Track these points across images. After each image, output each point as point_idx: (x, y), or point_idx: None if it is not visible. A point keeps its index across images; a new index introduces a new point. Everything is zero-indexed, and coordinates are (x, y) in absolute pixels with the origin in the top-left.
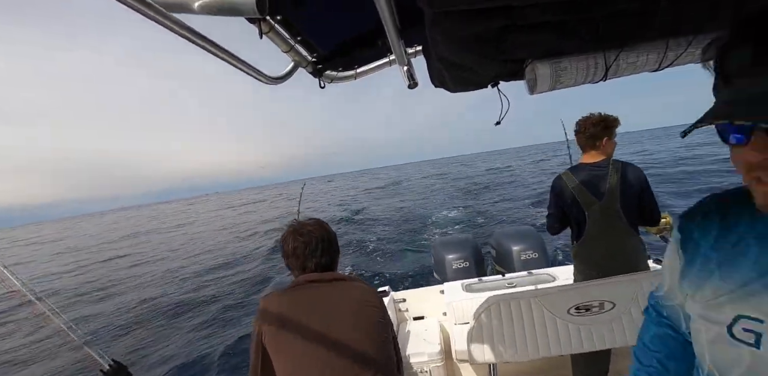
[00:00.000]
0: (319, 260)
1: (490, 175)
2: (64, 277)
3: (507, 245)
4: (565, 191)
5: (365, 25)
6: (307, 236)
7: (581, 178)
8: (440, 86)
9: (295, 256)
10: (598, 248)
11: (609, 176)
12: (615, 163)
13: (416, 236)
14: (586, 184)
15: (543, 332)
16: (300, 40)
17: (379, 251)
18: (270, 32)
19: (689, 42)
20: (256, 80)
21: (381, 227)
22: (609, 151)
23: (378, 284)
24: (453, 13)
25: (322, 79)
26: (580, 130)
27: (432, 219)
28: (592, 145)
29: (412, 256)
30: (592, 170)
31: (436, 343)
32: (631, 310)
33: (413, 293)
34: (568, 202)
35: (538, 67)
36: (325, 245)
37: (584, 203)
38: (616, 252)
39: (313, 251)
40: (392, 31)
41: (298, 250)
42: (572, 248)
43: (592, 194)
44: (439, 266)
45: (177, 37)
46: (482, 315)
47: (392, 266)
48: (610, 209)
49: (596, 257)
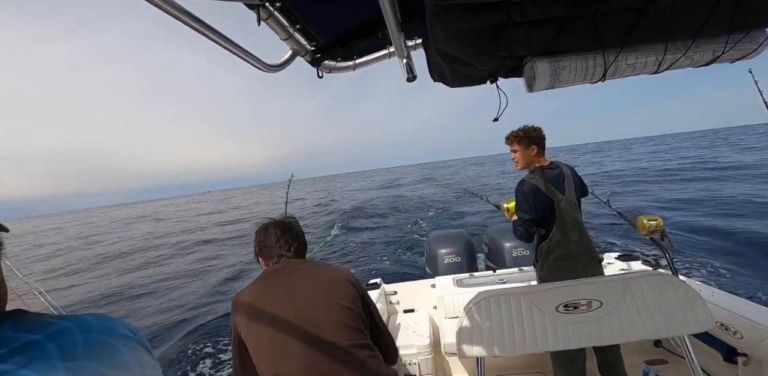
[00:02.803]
0: (290, 246)
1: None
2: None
3: (499, 242)
4: (538, 191)
5: (366, 16)
6: (280, 225)
7: (545, 177)
8: (439, 80)
9: (268, 246)
10: (571, 240)
11: (564, 174)
12: (560, 163)
13: (408, 231)
14: (551, 181)
15: (531, 328)
16: (299, 28)
17: (371, 244)
18: (269, 19)
19: (687, 46)
20: (254, 67)
21: (372, 222)
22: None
23: (371, 276)
24: (454, 7)
25: (320, 69)
26: (540, 138)
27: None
28: (544, 150)
29: (404, 251)
30: (549, 170)
31: (426, 336)
32: (618, 309)
33: (405, 286)
34: (541, 201)
35: (537, 64)
36: (295, 233)
37: (554, 198)
38: (585, 241)
39: (286, 239)
40: (393, 24)
41: (270, 240)
42: (539, 248)
43: (558, 190)
44: (432, 260)
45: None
46: (472, 310)
47: (383, 260)
48: (572, 201)
49: (572, 248)
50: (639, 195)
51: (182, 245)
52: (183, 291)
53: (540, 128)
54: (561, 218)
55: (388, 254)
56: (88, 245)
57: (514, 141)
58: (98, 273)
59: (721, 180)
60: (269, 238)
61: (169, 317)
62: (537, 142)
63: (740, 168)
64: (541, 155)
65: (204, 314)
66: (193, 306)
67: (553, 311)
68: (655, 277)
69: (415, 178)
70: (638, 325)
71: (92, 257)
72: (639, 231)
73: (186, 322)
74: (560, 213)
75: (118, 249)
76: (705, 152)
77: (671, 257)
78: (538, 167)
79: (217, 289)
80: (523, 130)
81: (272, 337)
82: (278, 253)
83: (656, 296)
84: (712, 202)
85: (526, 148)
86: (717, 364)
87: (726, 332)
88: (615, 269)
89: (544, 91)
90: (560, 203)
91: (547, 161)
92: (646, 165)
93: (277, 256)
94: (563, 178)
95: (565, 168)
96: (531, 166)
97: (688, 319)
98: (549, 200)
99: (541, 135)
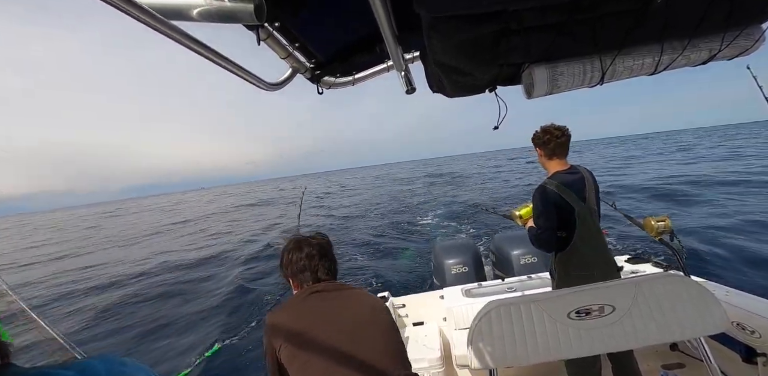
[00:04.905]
0: (329, 270)
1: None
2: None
3: (506, 250)
4: (558, 199)
5: (363, 31)
6: (316, 247)
7: (565, 183)
8: (438, 91)
9: (304, 269)
10: (591, 250)
11: (585, 179)
12: (580, 167)
13: (412, 235)
14: (571, 188)
15: (543, 336)
16: (298, 46)
17: (377, 253)
18: (268, 39)
19: (684, 46)
20: (254, 86)
21: (375, 226)
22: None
23: (377, 289)
24: (450, 18)
25: (320, 85)
26: (555, 137)
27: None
28: (566, 152)
29: (410, 260)
30: (569, 175)
31: (436, 349)
32: (631, 313)
33: (413, 299)
34: (564, 209)
35: (535, 71)
36: (331, 254)
37: (576, 205)
38: (603, 249)
39: (324, 261)
40: (390, 37)
41: (308, 263)
42: (556, 257)
43: (578, 197)
44: (439, 271)
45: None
46: (482, 320)
47: (390, 271)
48: (591, 209)
49: (591, 257)
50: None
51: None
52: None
53: (554, 128)
54: (581, 226)
55: (394, 264)
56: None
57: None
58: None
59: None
60: (304, 259)
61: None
62: (540, 145)
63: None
64: (556, 159)
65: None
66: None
67: (565, 318)
68: (667, 278)
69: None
70: (652, 328)
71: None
72: (647, 233)
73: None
74: (580, 221)
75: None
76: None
77: (682, 258)
78: (557, 172)
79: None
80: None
81: (325, 365)
82: (315, 277)
83: (669, 297)
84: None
85: (538, 151)
86: (736, 365)
87: (743, 331)
88: (625, 272)
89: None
90: (581, 210)
91: (567, 165)
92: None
93: (313, 280)
94: (584, 184)
95: (586, 173)
96: (548, 170)
97: (704, 320)
98: (569, 208)
99: (547, 137)
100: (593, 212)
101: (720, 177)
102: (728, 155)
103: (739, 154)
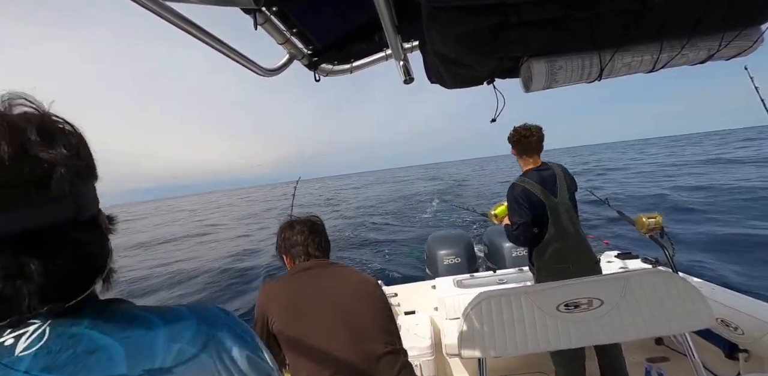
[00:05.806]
0: (319, 245)
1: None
2: None
3: (499, 242)
4: (530, 194)
5: (362, 18)
6: (307, 224)
7: (536, 179)
8: (436, 82)
9: (296, 244)
10: (565, 242)
11: (556, 175)
12: (551, 164)
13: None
14: (543, 184)
15: (532, 328)
16: (296, 32)
17: (371, 245)
18: (265, 23)
19: (683, 45)
20: (251, 71)
21: (374, 220)
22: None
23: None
24: (450, 9)
25: (317, 72)
26: (524, 137)
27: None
28: (537, 151)
29: (405, 251)
30: (539, 172)
31: (427, 337)
32: (619, 307)
33: (405, 288)
34: (535, 204)
35: (533, 65)
36: (321, 232)
37: (547, 200)
38: (580, 243)
39: (314, 237)
40: (389, 26)
41: (300, 238)
42: (534, 251)
43: (550, 192)
44: (432, 261)
45: (166, 30)
46: (473, 311)
47: (384, 261)
48: (564, 203)
49: (566, 250)
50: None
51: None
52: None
53: (523, 128)
54: (554, 220)
55: (385, 255)
56: None
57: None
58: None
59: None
60: (296, 235)
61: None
62: (513, 143)
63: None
64: (526, 157)
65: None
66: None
67: (554, 311)
68: (655, 274)
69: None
70: (639, 323)
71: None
72: (638, 229)
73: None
74: (553, 215)
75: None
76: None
77: (671, 255)
78: (528, 169)
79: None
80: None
81: (318, 337)
82: (306, 251)
83: (656, 293)
84: None
85: (512, 151)
86: (719, 360)
87: (727, 328)
88: (615, 267)
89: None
90: (552, 205)
91: (539, 162)
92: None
93: (305, 254)
94: (555, 179)
95: (557, 168)
96: (522, 168)
97: (689, 316)
98: (541, 203)
99: (519, 136)
100: (566, 206)
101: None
102: None
103: None
